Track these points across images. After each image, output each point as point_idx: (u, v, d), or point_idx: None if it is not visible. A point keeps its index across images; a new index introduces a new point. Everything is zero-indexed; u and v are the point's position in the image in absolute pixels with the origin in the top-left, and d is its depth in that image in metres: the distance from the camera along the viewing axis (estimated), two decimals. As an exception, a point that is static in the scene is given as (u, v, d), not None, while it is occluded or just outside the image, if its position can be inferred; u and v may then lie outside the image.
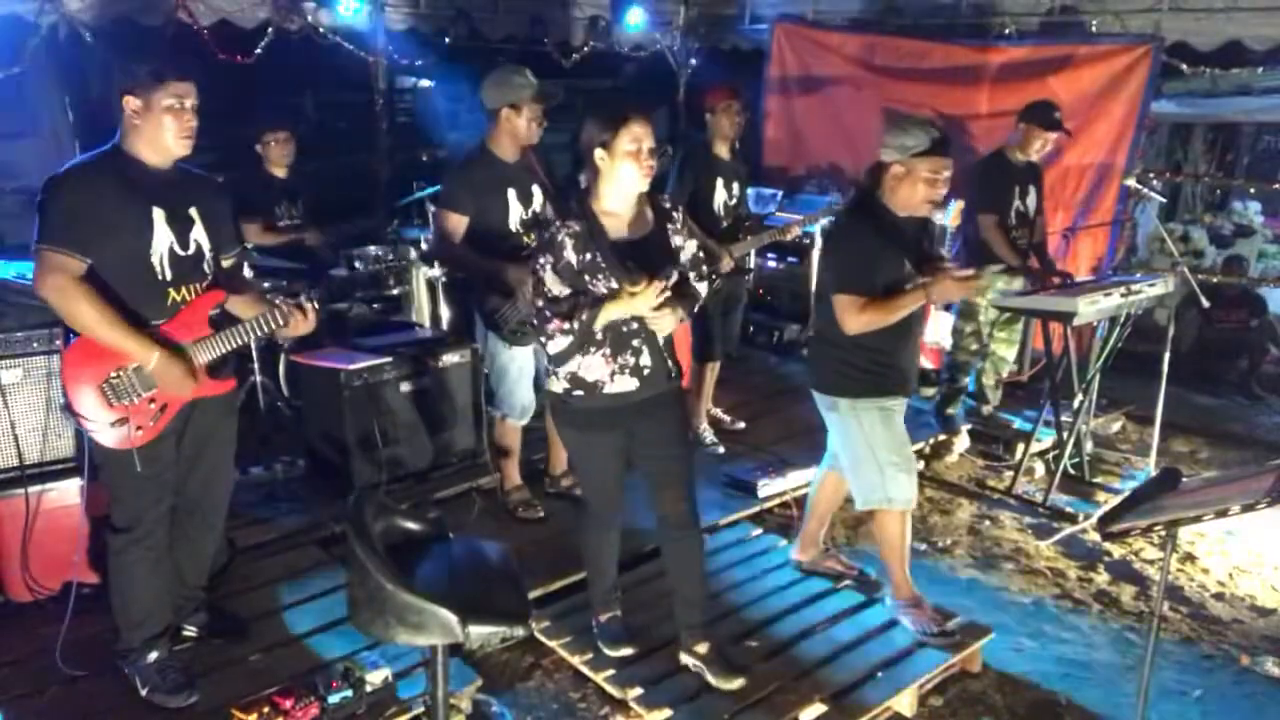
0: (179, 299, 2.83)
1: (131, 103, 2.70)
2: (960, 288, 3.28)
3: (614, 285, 2.83)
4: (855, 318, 3.22)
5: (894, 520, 3.47)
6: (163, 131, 2.73)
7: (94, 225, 2.67)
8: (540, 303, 2.85)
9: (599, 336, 2.88)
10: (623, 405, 2.96)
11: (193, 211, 2.86)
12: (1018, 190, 5.05)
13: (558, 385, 2.99)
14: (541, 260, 2.85)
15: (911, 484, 3.44)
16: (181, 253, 2.82)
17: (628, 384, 2.94)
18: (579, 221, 2.84)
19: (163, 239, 2.78)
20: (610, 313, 2.81)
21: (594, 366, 2.92)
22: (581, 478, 3.30)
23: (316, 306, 2.95)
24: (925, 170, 3.20)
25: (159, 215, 2.77)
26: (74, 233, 2.65)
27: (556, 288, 2.84)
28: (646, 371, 2.95)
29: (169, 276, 2.80)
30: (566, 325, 2.81)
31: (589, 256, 2.83)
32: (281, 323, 2.90)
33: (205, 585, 3.27)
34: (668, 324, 2.90)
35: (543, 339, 2.92)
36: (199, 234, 2.87)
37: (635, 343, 2.92)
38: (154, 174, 2.78)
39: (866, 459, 3.42)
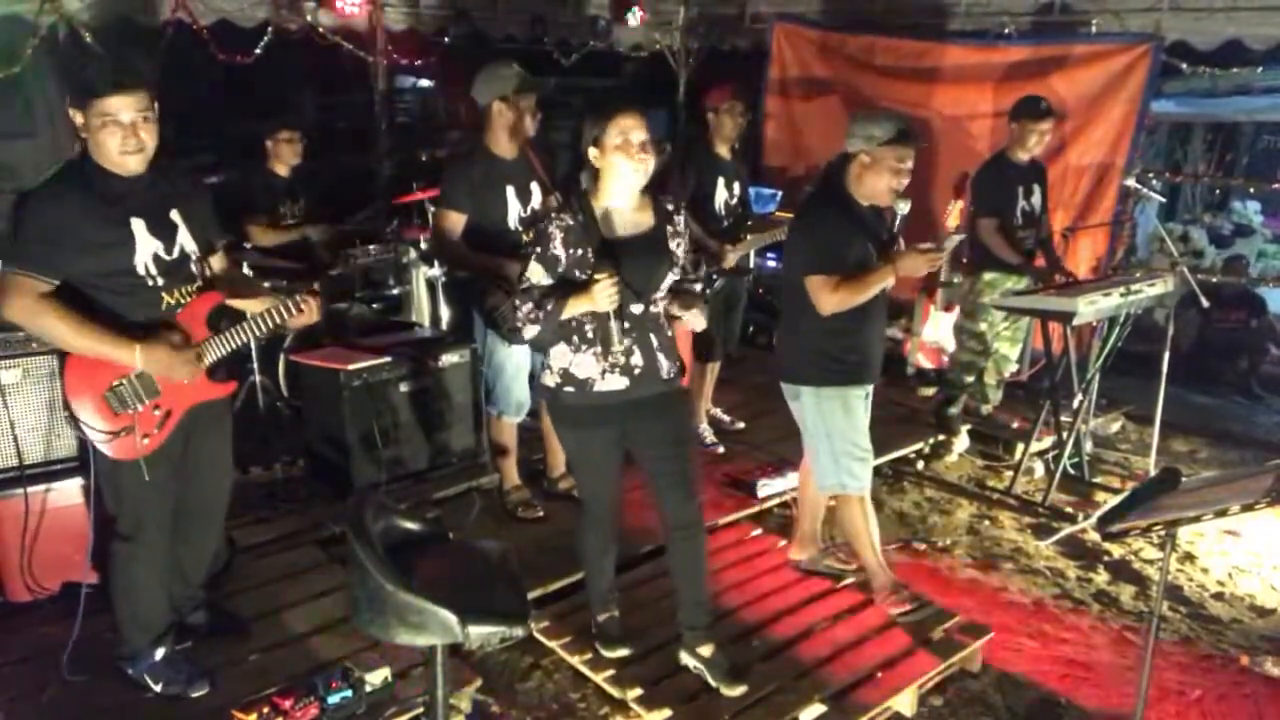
0: (173, 302, 2.81)
1: (79, 117, 2.60)
2: (925, 260, 3.32)
3: None
4: (829, 297, 3.29)
5: (854, 506, 3.57)
6: (110, 144, 2.62)
7: (69, 245, 2.61)
8: (518, 290, 2.91)
9: (589, 335, 2.89)
10: (613, 404, 2.96)
11: (174, 215, 2.81)
12: (1021, 191, 5.06)
13: (550, 380, 3.01)
14: (528, 250, 2.90)
15: (866, 472, 3.54)
16: (167, 257, 2.78)
17: (617, 382, 2.94)
18: (573, 216, 2.85)
19: (146, 247, 2.73)
20: (573, 306, 2.83)
21: (584, 364, 2.92)
22: (578, 476, 3.30)
23: (318, 296, 2.95)
24: (891, 159, 3.27)
25: (139, 225, 2.72)
26: (42, 253, 2.60)
27: (537, 276, 2.87)
28: (637, 371, 2.95)
29: (160, 281, 2.77)
30: (535, 314, 2.84)
31: (578, 252, 2.83)
32: (289, 315, 2.91)
33: (204, 584, 3.27)
34: (698, 321, 2.98)
35: (517, 324, 2.93)
36: (183, 237, 2.83)
37: (626, 342, 2.92)
38: (127, 182, 2.69)
39: (824, 447, 3.53)
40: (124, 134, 2.61)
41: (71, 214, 2.63)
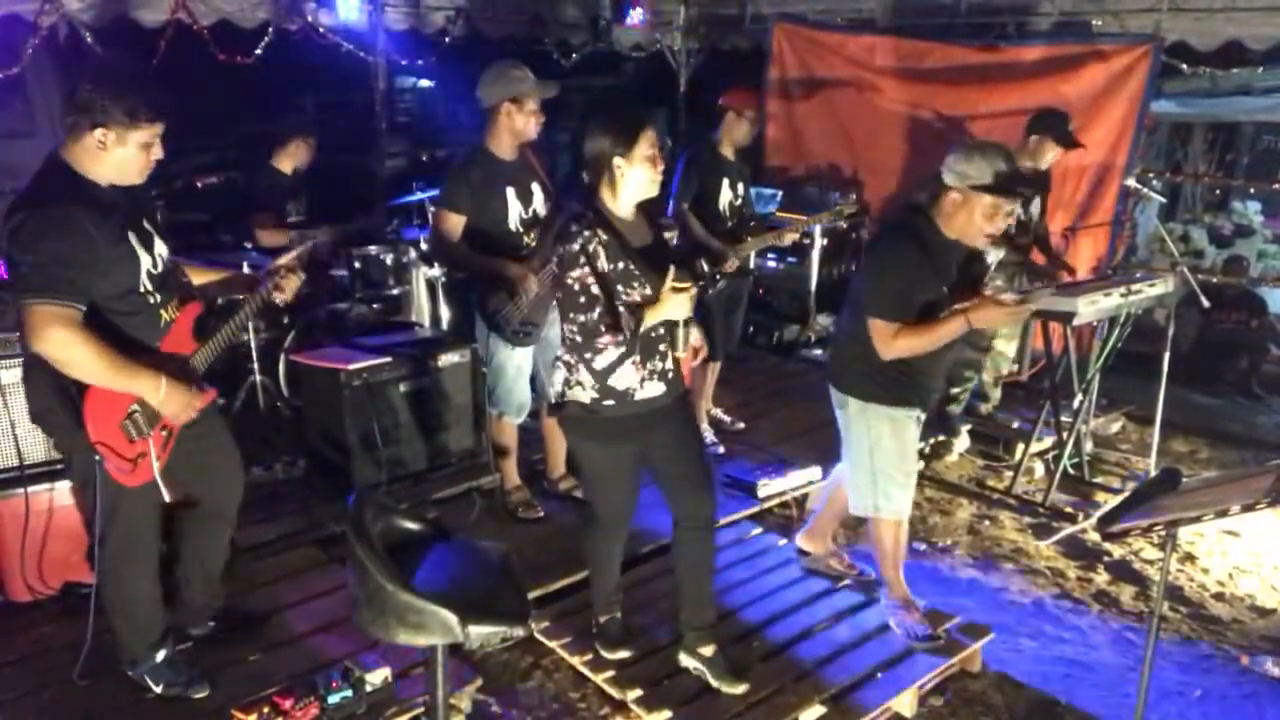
0: (169, 318, 2.79)
1: (104, 135, 2.54)
2: (1007, 315, 3.18)
3: (648, 292, 2.82)
4: (890, 344, 3.16)
5: (888, 528, 3.46)
6: (130, 165, 2.62)
7: (87, 267, 2.53)
8: (583, 318, 2.79)
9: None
10: (650, 411, 2.94)
11: (147, 225, 2.77)
12: (1020, 200, 5.04)
13: (584, 395, 2.91)
14: (577, 273, 2.76)
15: (905, 498, 3.41)
16: (156, 271, 2.75)
17: (656, 389, 2.93)
18: (605, 229, 2.81)
19: (144, 262, 2.70)
20: (652, 317, 2.81)
21: (625, 375, 2.89)
22: (596, 489, 3.18)
23: (300, 262, 2.94)
24: (984, 205, 3.07)
25: (133, 239, 2.68)
26: (68, 280, 2.49)
27: (601, 295, 2.78)
28: (670, 375, 2.96)
29: (159, 298, 2.74)
30: (621, 337, 2.78)
31: (621, 265, 2.81)
32: (273, 292, 2.89)
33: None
34: (693, 336, 2.93)
35: (588, 354, 2.84)
36: (159, 247, 2.79)
37: (662, 347, 2.92)
38: (112, 194, 2.66)
39: (863, 464, 3.40)
40: (155, 151, 2.66)
41: (84, 233, 2.53)
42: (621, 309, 2.78)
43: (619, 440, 2.99)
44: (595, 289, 2.76)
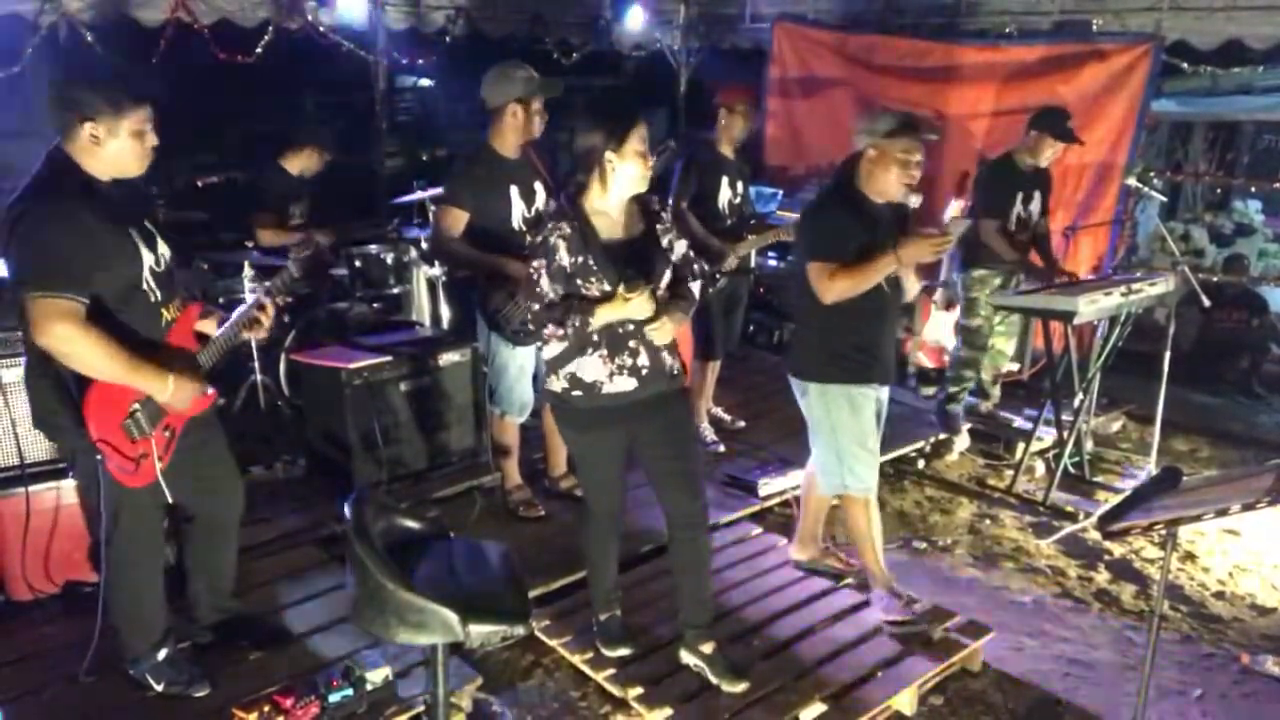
0: (170, 318, 2.78)
1: (95, 129, 2.55)
2: (929, 245, 3.32)
3: (606, 288, 2.83)
4: (828, 284, 3.30)
5: (858, 508, 3.56)
6: (127, 155, 2.62)
7: (90, 262, 2.52)
8: (536, 307, 2.86)
9: (595, 338, 2.89)
10: (622, 405, 2.96)
11: (149, 224, 2.76)
12: (1020, 196, 5.06)
13: (556, 385, 2.99)
14: (536, 264, 2.85)
15: (871, 473, 3.53)
16: (159, 269, 2.73)
17: (626, 384, 2.94)
18: (570, 223, 2.85)
19: (146, 260, 2.69)
20: (604, 316, 2.83)
21: (592, 367, 2.92)
22: (583, 478, 3.30)
23: (274, 303, 2.91)
24: (898, 151, 3.28)
25: (135, 235, 2.67)
26: (70, 273, 2.49)
27: (552, 293, 2.85)
28: (644, 371, 2.95)
29: (160, 296, 2.73)
30: (561, 331, 2.83)
31: (581, 259, 2.83)
32: (245, 329, 2.87)
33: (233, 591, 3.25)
34: (665, 334, 2.91)
35: (539, 344, 2.90)
36: (162, 247, 2.78)
37: (632, 343, 2.92)
38: (114, 192, 2.65)
39: (828, 444, 3.54)
40: (149, 138, 2.65)
41: (85, 228, 2.53)
42: (575, 304, 2.82)
43: (592, 429, 3.03)
44: (544, 283, 2.84)
